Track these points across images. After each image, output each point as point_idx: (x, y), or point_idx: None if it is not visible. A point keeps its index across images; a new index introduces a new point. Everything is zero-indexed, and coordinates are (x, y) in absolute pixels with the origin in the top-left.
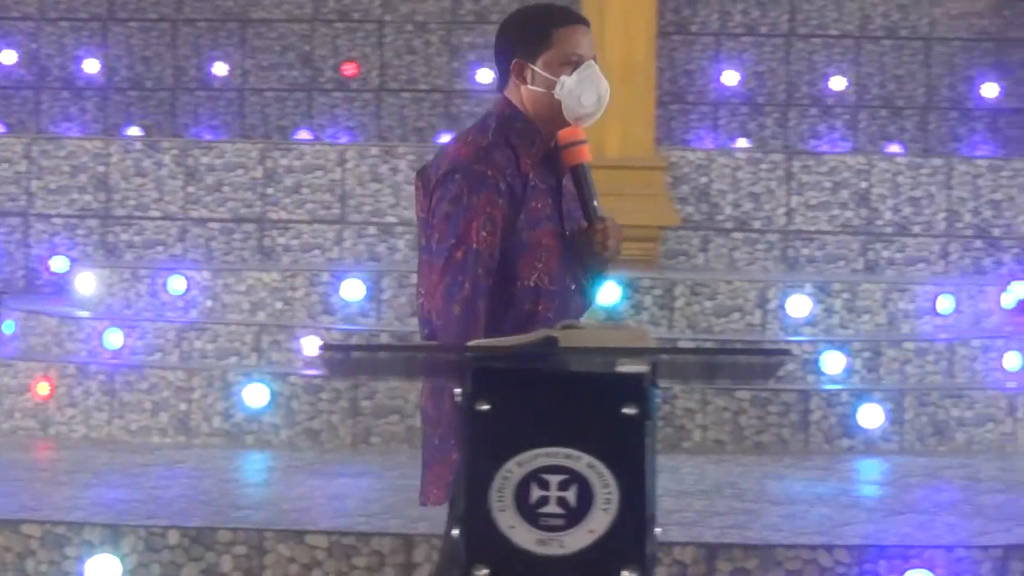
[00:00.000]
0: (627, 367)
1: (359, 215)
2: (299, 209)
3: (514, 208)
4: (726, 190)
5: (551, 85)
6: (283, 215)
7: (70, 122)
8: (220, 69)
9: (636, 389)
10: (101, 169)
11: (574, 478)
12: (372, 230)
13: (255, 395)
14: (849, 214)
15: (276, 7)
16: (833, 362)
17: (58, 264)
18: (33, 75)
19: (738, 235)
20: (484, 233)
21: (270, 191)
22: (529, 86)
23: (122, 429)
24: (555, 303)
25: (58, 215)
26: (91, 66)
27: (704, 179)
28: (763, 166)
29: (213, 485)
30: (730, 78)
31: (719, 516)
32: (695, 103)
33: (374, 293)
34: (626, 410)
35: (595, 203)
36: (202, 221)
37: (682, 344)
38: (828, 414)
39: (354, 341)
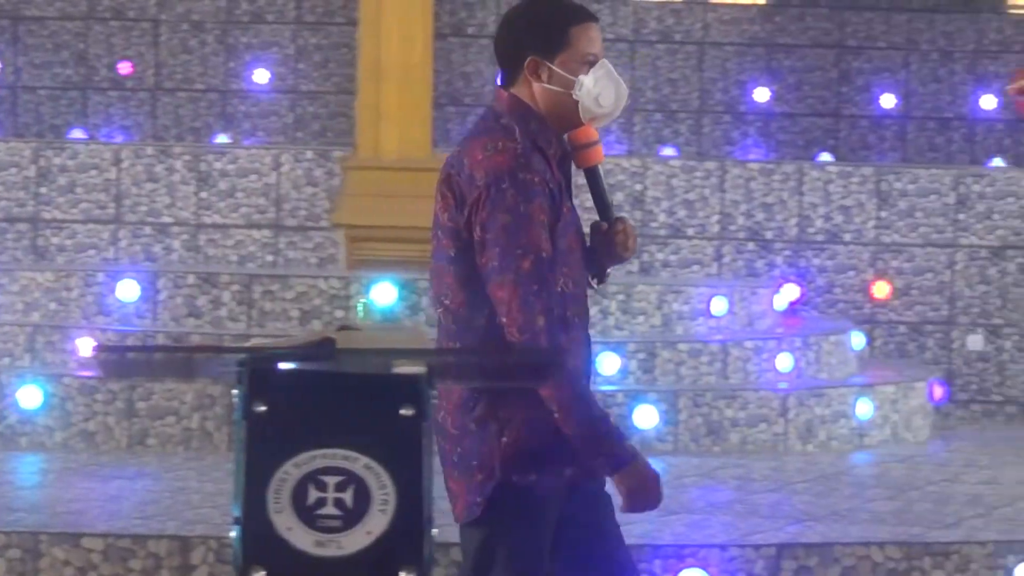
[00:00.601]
0: (404, 368)
1: (134, 215)
2: (73, 208)
3: (555, 214)
4: None
5: (569, 85)
6: (57, 215)
7: None
8: None
9: (413, 390)
10: None
11: (351, 479)
12: (148, 230)
13: (29, 396)
14: (624, 215)
15: (49, 4)
16: (608, 363)
17: None
18: None
19: None
20: (545, 239)
21: (43, 190)
22: (545, 85)
23: None
24: (580, 307)
25: None
26: None
27: None
28: None
29: None
30: None
31: None
32: (472, 105)
33: (150, 294)
34: (403, 411)
35: (611, 204)
36: None
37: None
38: None
39: (129, 342)
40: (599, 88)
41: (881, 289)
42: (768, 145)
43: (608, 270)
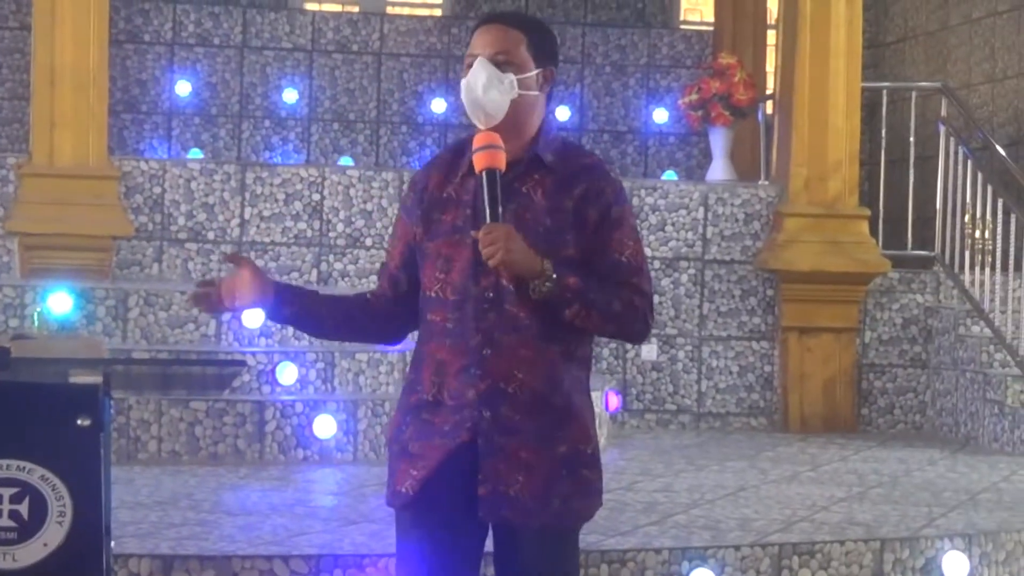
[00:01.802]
0: (80, 378)
1: None
2: None
3: (424, 223)
4: (180, 200)
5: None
6: None
7: None
8: None
9: (90, 400)
10: None
11: (27, 491)
12: None
13: None
14: (303, 225)
15: None
16: (288, 373)
17: None
18: None
19: (192, 245)
20: (391, 249)
21: None
22: None
23: None
24: (449, 313)
25: None
26: None
27: (158, 189)
28: (217, 177)
29: None
30: (183, 88)
31: (175, 527)
32: (149, 113)
33: None
34: (80, 421)
35: (496, 210)
36: None
37: (136, 355)
38: (283, 424)
39: None
40: (463, 90)
41: None
42: None
43: (533, 281)
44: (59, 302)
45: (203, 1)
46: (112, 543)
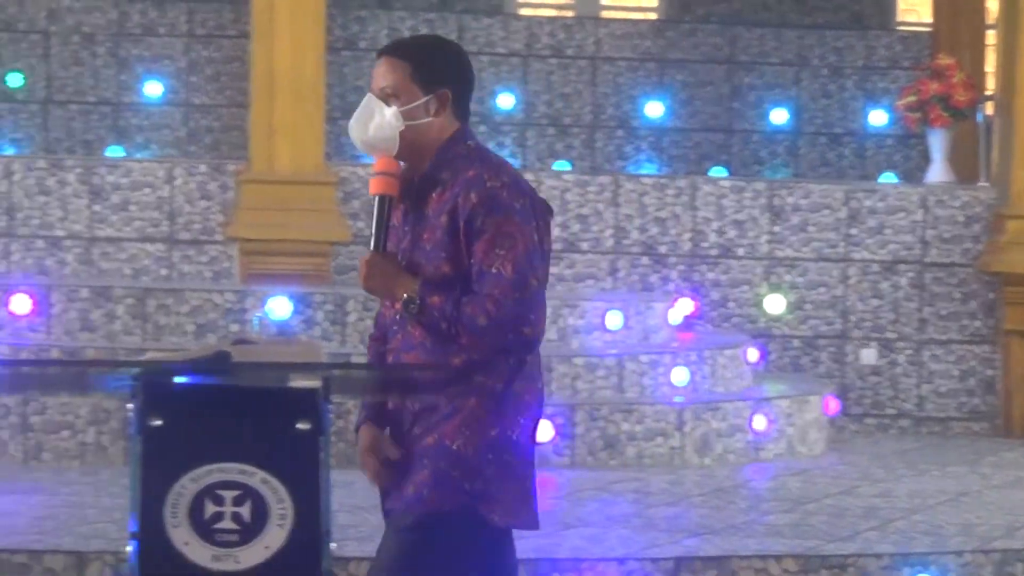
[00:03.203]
0: (300, 382)
1: (27, 228)
2: None
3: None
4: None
5: None
6: None
7: None
8: None
9: (309, 404)
10: None
11: (248, 494)
12: (40, 244)
13: None
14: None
15: None
16: None
17: None
18: None
19: None
20: None
21: None
22: None
23: None
24: (388, 326)
25: None
26: None
27: None
28: None
29: None
30: None
31: None
32: None
33: (43, 308)
34: (299, 425)
35: (379, 237)
36: None
37: (355, 359)
38: None
39: (23, 356)
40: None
41: (774, 303)
42: (661, 160)
43: (404, 304)
44: (278, 307)
45: (418, 7)
46: (333, 545)
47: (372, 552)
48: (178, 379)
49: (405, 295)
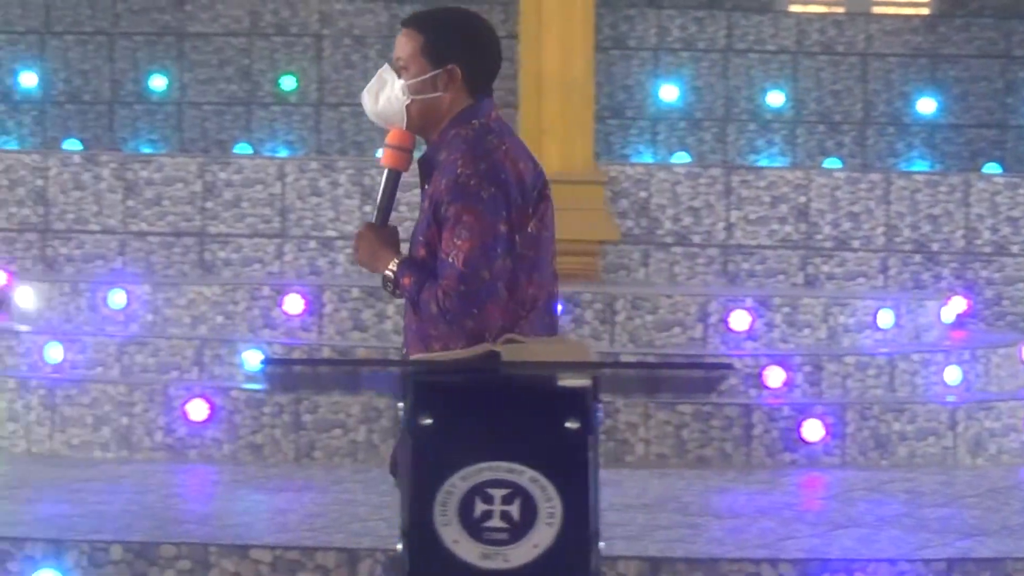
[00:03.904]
0: (569, 381)
1: (299, 229)
2: (239, 223)
3: None
4: (666, 204)
5: None
6: (223, 229)
7: (7, 135)
8: (158, 82)
9: (578, 403)
10: (39, 183)
11: (517, 492)
12: (312, 244)
13: (197, 409)
14: (788, 228)
15: (213, 21)
16: (774, 376)
17: None
18: None
19: (678, 249)
20: None
21: (209, 205)
22: None
23: (64, 444)
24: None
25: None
26: (28, 79)
27: (644, 193)
28: (702, 180)
29: (156, 500)
30: (668, 93)
31: (663, 530)
32: (634, 118)
33: (315, 307)
34: (569, 424)
35: (384, 209)
36: (142, 235)
37: (624, 358)
38: (770, 428)
39: (295, 355)
40: None
41: None
42: (934, 157)
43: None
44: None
45: (688, 5)
46: (601, 544)
47: (640, 552)
48: (448, 378)
49: (385, 272)
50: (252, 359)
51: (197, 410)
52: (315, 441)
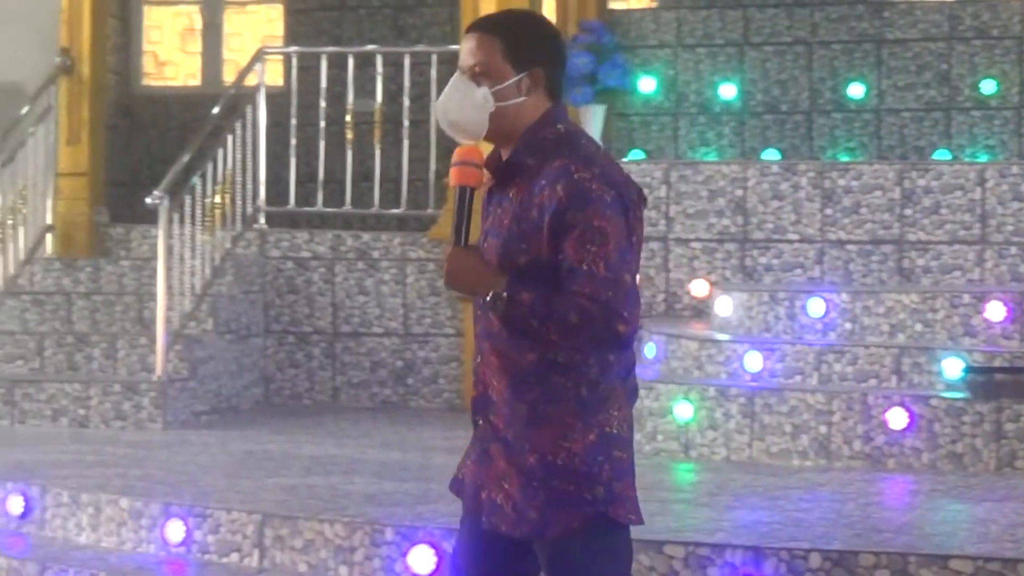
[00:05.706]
0: None
1: (1000, 235)
2: (938, 230)
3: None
4: None
5: None
6: (922, 236)
7: (708, 146)
8: (856, 90)
9: None
10: (739, 193)
11: None
12: (1013, 250)
13: (896, 418)
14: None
15: (911, 27)
16: None
17: (698, 288)
18: (671, 102)
19: None
20: None
21: (908, 212)
22: None
23: (762, 452)
24: (475, 312)
25: (696, 239)
26: (727, 91)
27: None
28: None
29: (855, 508)
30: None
31: None
32: None
33: (1017, 315)
34: None
35: (461, 229)
36: (840, 243)
37: None
38: None
39: (996, 363)
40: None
41: None
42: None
43: (489, 299)
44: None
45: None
46: None
47: None
48: None
49: (492, 292)
50: (952, 367)
51: (896, 419)
52: (1017, 451)
